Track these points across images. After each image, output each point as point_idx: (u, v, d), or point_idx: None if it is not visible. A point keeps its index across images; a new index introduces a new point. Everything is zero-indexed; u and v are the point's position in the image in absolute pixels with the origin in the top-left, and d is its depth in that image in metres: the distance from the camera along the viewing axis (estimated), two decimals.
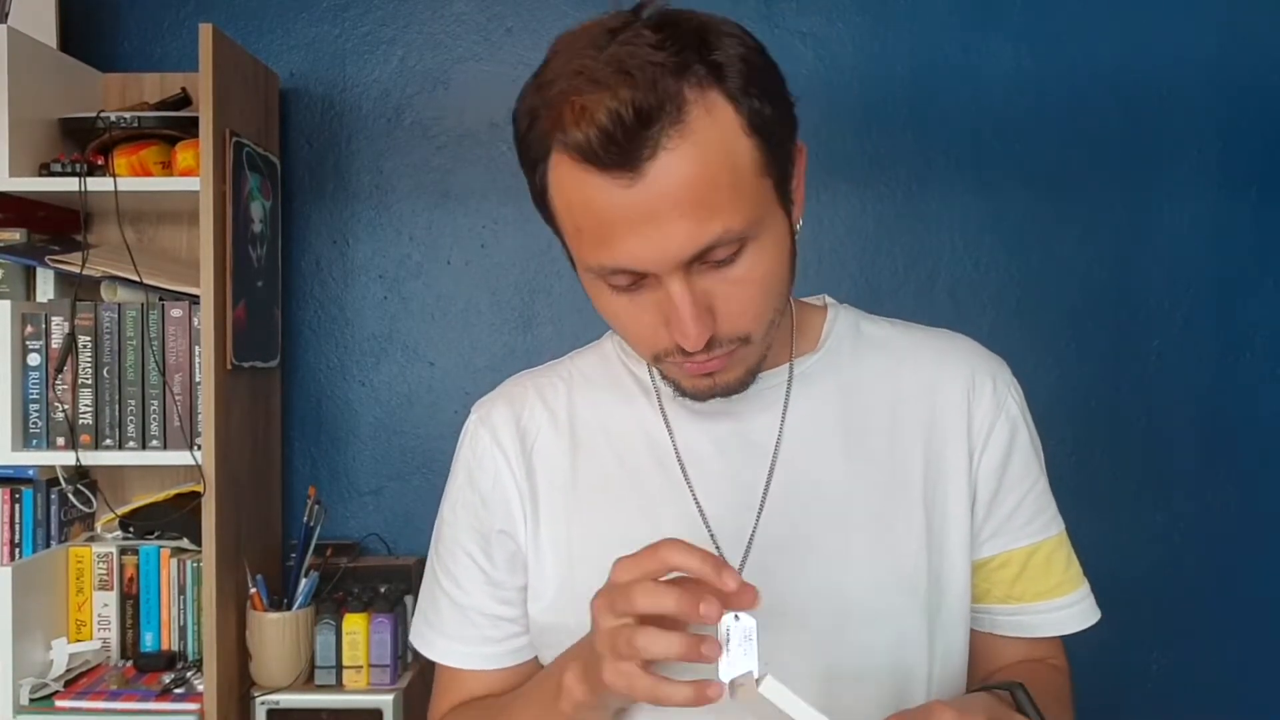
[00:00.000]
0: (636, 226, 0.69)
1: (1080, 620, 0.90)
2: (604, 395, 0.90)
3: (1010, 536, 0.87)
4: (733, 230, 0.71)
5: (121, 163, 1.77)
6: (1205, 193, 2.01)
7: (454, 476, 0.93)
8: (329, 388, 2.07)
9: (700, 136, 0.68)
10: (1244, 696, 2.03)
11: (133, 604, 1.84)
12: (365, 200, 2.06)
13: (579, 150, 0.68)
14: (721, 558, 0.70)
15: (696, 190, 0.69)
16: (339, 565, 1.88)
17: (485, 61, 2.06)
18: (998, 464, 0.86)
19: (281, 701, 1.73)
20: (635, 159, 0.68)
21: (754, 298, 0.75)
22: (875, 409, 0.86)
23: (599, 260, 0.73)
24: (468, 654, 0.91)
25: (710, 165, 0.69)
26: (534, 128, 0.73)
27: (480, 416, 0.92)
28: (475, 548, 0.90)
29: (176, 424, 1.74)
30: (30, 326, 1.74)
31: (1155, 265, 2.02)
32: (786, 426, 0.85)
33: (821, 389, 0.86)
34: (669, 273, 0.71)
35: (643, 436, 0.87)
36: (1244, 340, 2.02)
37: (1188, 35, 2.00)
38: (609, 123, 0.67)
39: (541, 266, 2.05)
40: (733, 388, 0.80)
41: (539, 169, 0.74)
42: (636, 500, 0.85)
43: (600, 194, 0.69)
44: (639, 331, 0.77)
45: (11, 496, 1.78)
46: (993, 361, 0.90)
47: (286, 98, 2.05)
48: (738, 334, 0.76)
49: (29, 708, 1.67)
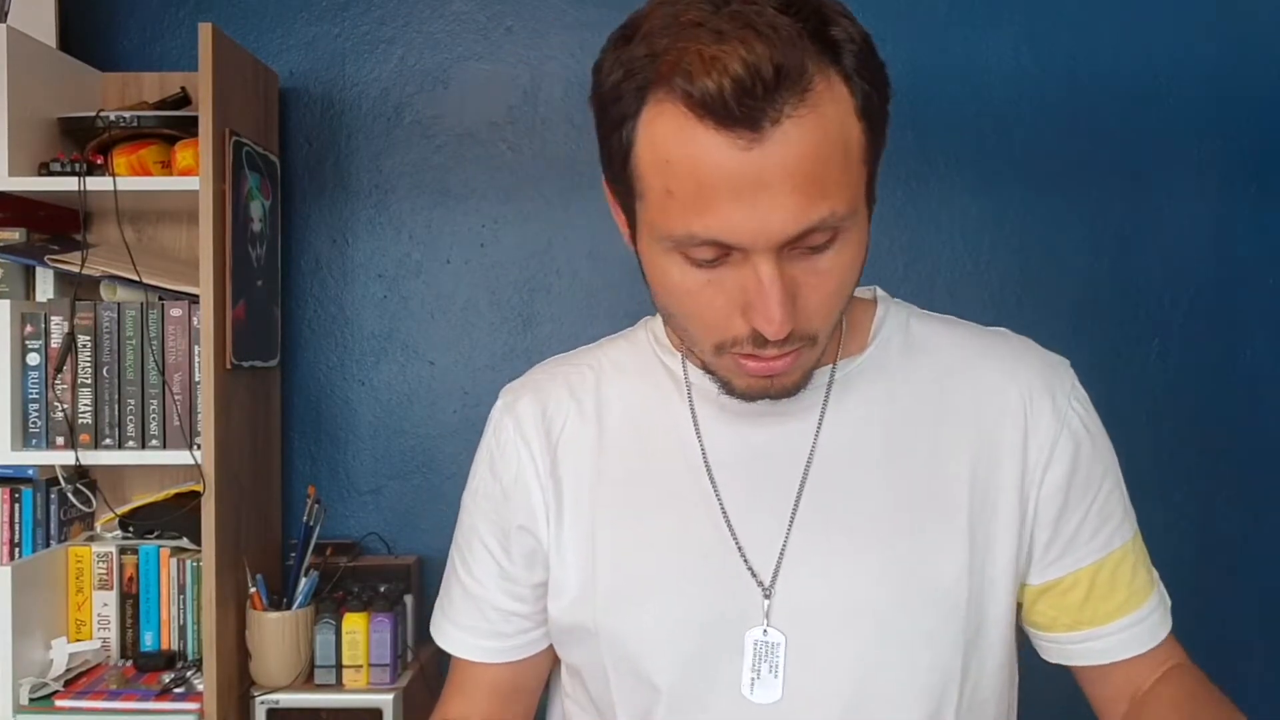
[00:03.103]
0: (743, 194, 0.65)
1: (1144, 640, 0.83)
2: (634, 387, 0.86)
3: (1077, 555, 0.81)
4: (837, 213, 0.67)
5: (121, 162, 1.77)
6: (1205, 191, 2.01)
7: (477, 464, 0.91)
8: (329, 387, 2.07)
9: (822, 110, 0.65)
10: (1244, 696, 2.02)
11: (132, 603, 1.84)
12: (365, 199, 2.06)
13: (702, 101, 0.63)
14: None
15: (812, 165, 0.65)
16: (339, 565, 1.88)
17: (485, 61, 2.06)
18: (1062, 482, 0.80)
19: (281, 701, 1.73)
20: (760, 119, 0.63)
21: (833, 293, 0.71)
22: (921, 419, 0.81)
23: (688, 227, 0.67)
24: (477, 646, 0.90)
25: (827, 142, 0.66)
26: (631, 77, 0.67)
27: (506, 404, 0.90)
28: (493, 541, 0.88)
29: (176, 423, 1.74)
30: (30, 326, 1.74)
31: (1155, 264, 2.02)
32: (823, 434, 0.80)
33: (865, 395, 0.81)
34: (764, 251, 0.67)
35: (672, 434, 0.83)
36: (1244, 339, 2.01)
37: (1188, 34, 1.99)
38: (745, 75, 0.62)
39: (541, 265, 2.05)
40: (788, 390, 0.75)
41: (626, 124, 0.68)
42: (663, 502, 0.82)
43: (711, 153, 0.64)
44: (709, 315, 0.71)
45: (11, 496, 1.78)
46: (1052, 370, 0.83)
47: (286, 97, 2.05)
48: (811, 331, 0.72)
49: (29, 707, 1.67)
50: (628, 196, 0.72)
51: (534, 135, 2.05)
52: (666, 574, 0.80)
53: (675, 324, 0.76)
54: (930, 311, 0.89)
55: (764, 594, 0.78)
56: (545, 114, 2.05)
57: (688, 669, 0.78)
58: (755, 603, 0.78)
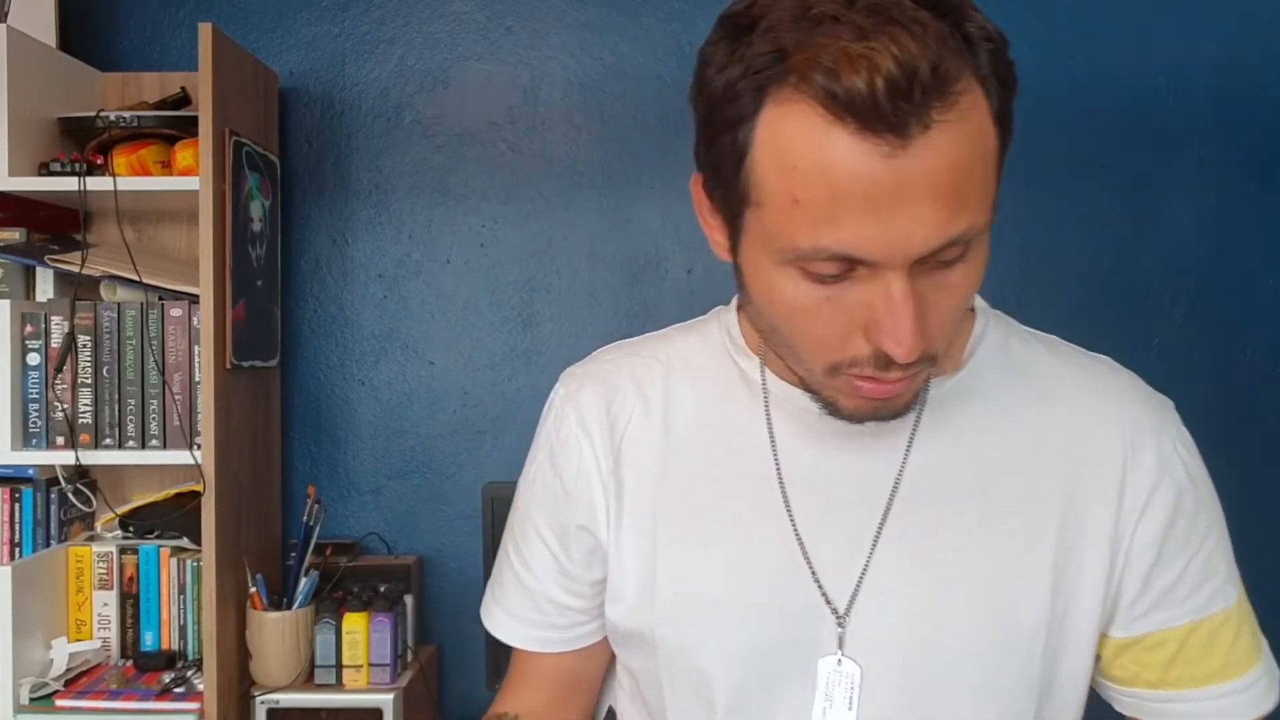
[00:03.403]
0: (880, 206, 0.58)
1: (1244, 710, 0.76)
2: (705, 388, 0.81)
3: (1168, 613, 0.75)
4: (976, 227, 0.61)
5: (121, 162, 1.77)
6: (1206, 190, 2.01)
7: (535, 452, 0.87)
8: (329, 387, 2.07)
9: (968, 116, 0.59)
10: None
11: (132, 603, 1.84)
12: (365, 199, 2.06)
13: (848, 102, 0.56)
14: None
15: (956, 175, 0.59)
16: (339, 564, 1.88)
17: (485, 61, 2.06)
18: (1157, 534, 0.74)
19: (281, 701, 1.73)
20: (909, 125, 0.57)
21: (956, 310, 0.66)
22: (1014, 451, 0.75)
23: (815, 240, 0.60)
24: (531, 636, 0.86)
25: (972, 150, 0.60)
26: (752, 75, 0.60)
27: (568, 394, 0.85)
28: (551, 536, 0.84)
29: (176, 423, 1.74)
30: (30, 326, 1.74)
31: (1156, 263, 2.02)
32: (912, 458, 0.74)
33: (958, 420, 0.75)
34: (897, 267, 0.60)
35: (744, 443, 0.77)
36: (1244, 338, 2.02)
37: (1188, 34, 1.99)
38: (900, 75, 0.56)
39: (541, 265, 2.05)
40: (898, 412, 0.69)
41: (743, 126, 0.61)
42: (730, 515, 0.77)
43: (848, 159, 0.58)
44: (825, 334, 0.65)
45: (11, 496, 1.78)
46: (1157, 413, 0.77)
47: (286, 97, 2.05)
48: (934, 350, 0.65)
49: (29, 707, 1.67)
50: (735, 204, 0.65)
51: (534, 135, 2.05)
52: (732, 593, 0.76)
53: (779, 341, 0.69)
54: (1030, 329, 0.82)
55: (837, 621, 0.74)
56: (545, 114, 2.05)
57: (749, 690, 0.76)
58: (828, 630, 0.74)
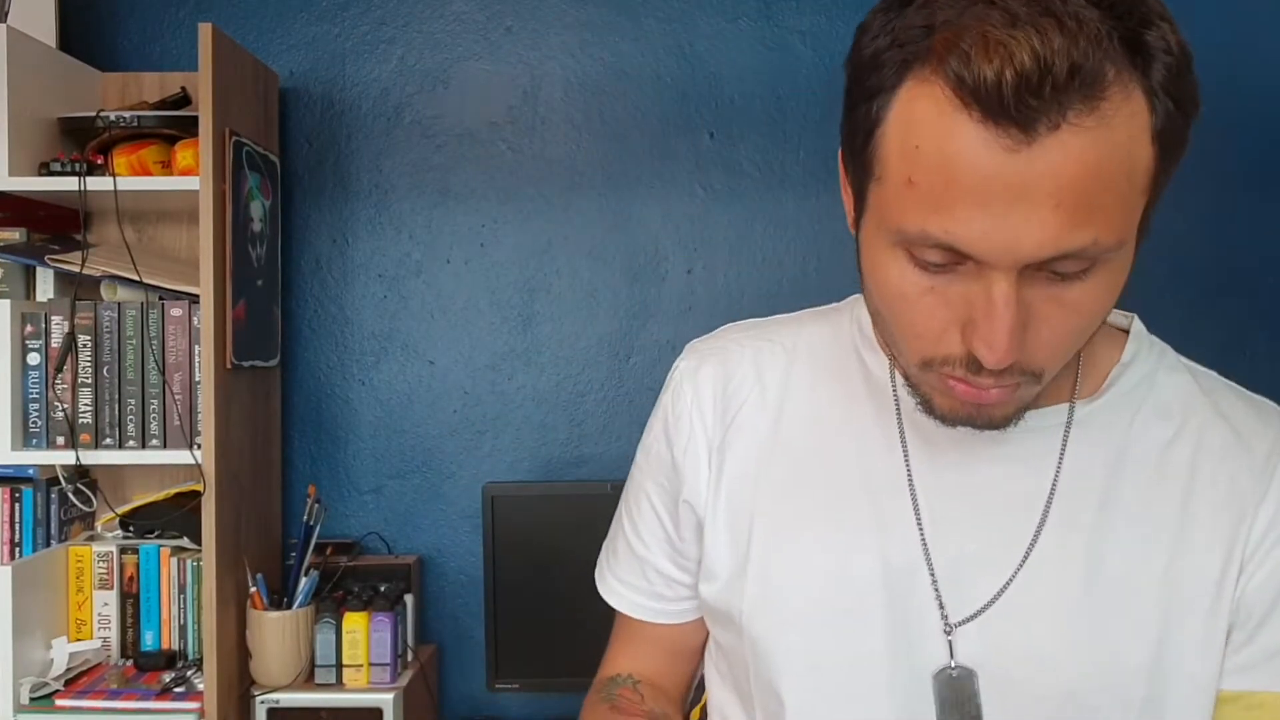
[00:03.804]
0: (994, 202, 0.56)
1: None
2: (826, 383, 0.79)
3: (1271, 676, 0.70)
4: (1101, 243, 0.58)
5: (121, 162, 1.77)
6: (1205, 190, 2.01)
7: (652, 423, 0.87)
8: (329, 387, 2.07)
9: (1112, 124, 0.56)
10: None
11: (133, 603, 1.84)
12: (365, 199, 2.07)
13: (975, 89, 0.55)
14: None
15: (1085, 184, 0.56)
16: (339, 564, 1.89)
17: (485, 61, 2.06)
18: (1270, 585, 0.69)
19: (281, 700, 1.73)
20: (1036, 121, 0.55)
21: (1073, 331, 0.63)
22: (1141, 485, 0.71)
23: (924, 225, 0.59)
24: (640, 605, 0.88)
25: (1110, 161, 0.57)
26: (899, 47, 0.59)
27: (690, 367, 0.84)
28: (662, 508, 0.85)
29: (176, 423, 1.74)
30: (30, 326, 1.74)
31: (1155, 263, 2.01)
32: (1062, 479, 0.71)
33: (1093, 445, 0.72)
34: (1005, 268, 0.58)
35: (860, 444, 0.76)
36: (1244, 338, 2.02)
37: (1187, 34, 1.99)
38: (1033, 68, 0.54)
39: (541, 265, 2.06)
40: (995, 424, 0.67)
41: (880, 97, 0.60)
42: (830, 514, 0.75)
43: (969, 148, 0.56)
44: (923, 326, 0.63)
45: (11, 496, 1.78)
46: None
47: (286, 97, 2.05)
48: (1035, 366, 0.63)
49: (29, 707, 1.67)
50: (863, 175, 0.64)
51: (534, 135, 2.05)
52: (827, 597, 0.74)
53: (882, 325, 0.69)
54: (1187, 360, 0.78)
55: (945, 630, 0.72)
56: (545, 114, 2.05)
57: (816, 704, 0.74)
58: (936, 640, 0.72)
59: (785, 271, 2.04)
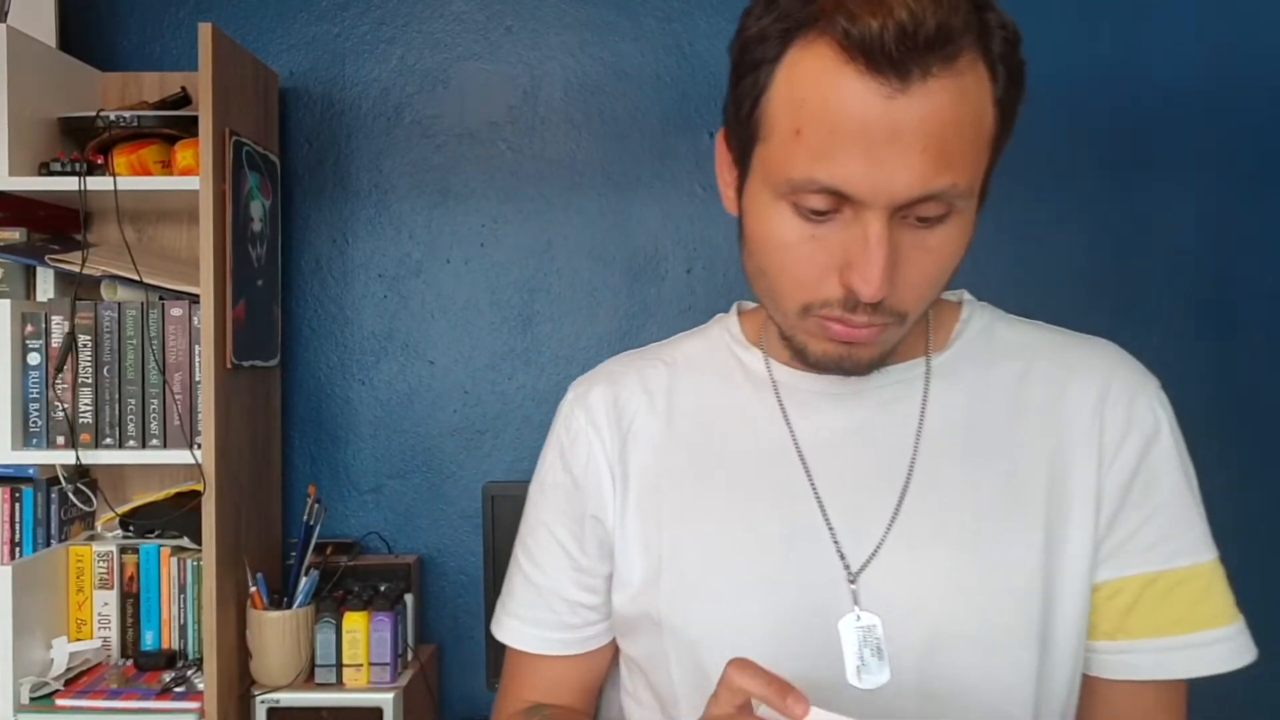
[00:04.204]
0: (874, 145, 0.64)
1: (1200, 664, 0.77)
2: (708, 382, 0.86)
3: (1125, 561, 0.77)
4: (959, 186, 0.67)
5: (121, 162, 1.77)
6: (1204, 190, 2.01)
7: (546, 456, 0.90)
8: (329, 386, 2.07)
9: (965, 82, 0.65)
10: (1244, 695, 2.03)
11: (133, 603, 1.84)
12: (365, 199, 2.07)
13: (861, 40, 0.63)
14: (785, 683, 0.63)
15: (947, 131, 0.65)
16: (339, 564, 1.89)
17: (485, 60, 2.06)
18: (1124, 480, 0.78)
19: (282, 700, 1.73)
20: (911, 70, 0.63)
21: (932, 274, 0.71)
22: (1001, 415, 0.79)
23: (811, 172, 0.66)
24: (540, 638, 0.88)
25: (965, 115, 0.66)
26: (782, 19, 0.67)
27: (577, 395, 0.89)
28: (564, 531, 0.87)
29: (176, 423, 1.74)
30: (30, 326, 1.74)
31: (1154, 262, 2.02)
32: (926, 423, 0.79)
33: (950, 390, 0.80)
34: (879, 209, 0.66)
35: (748, 427, 0.82)
36: (1243, 337, 2.02)
37: (1186, 33, 2.00)
38: (909, 20, 0.62)
39: (541, 265, 2.06)
40: (861, 368, 0.74)
41: (765, 67, 0.68)
42: (739, 494, 0.80)
43: (853, 97, 0.64)
44: (804, 272, 0.70)
45: (11, 495, 1.78)
46: (1137, 375, 0.81)
47: (286, 97, 2.05)
48: (902, 307, 0.71)
49: (29, 707, 1.67)
50: (749, 140, 0.71)
51: (534, 135, 2.06)
52: (743, 567, 0.78)
53: (764, 284, 0.75)
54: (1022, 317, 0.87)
55: (850, 579, 0.76)
56: (545, 114, 2.05)
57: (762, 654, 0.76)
58: (844, 591, 0.76)
59: None
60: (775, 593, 0.77)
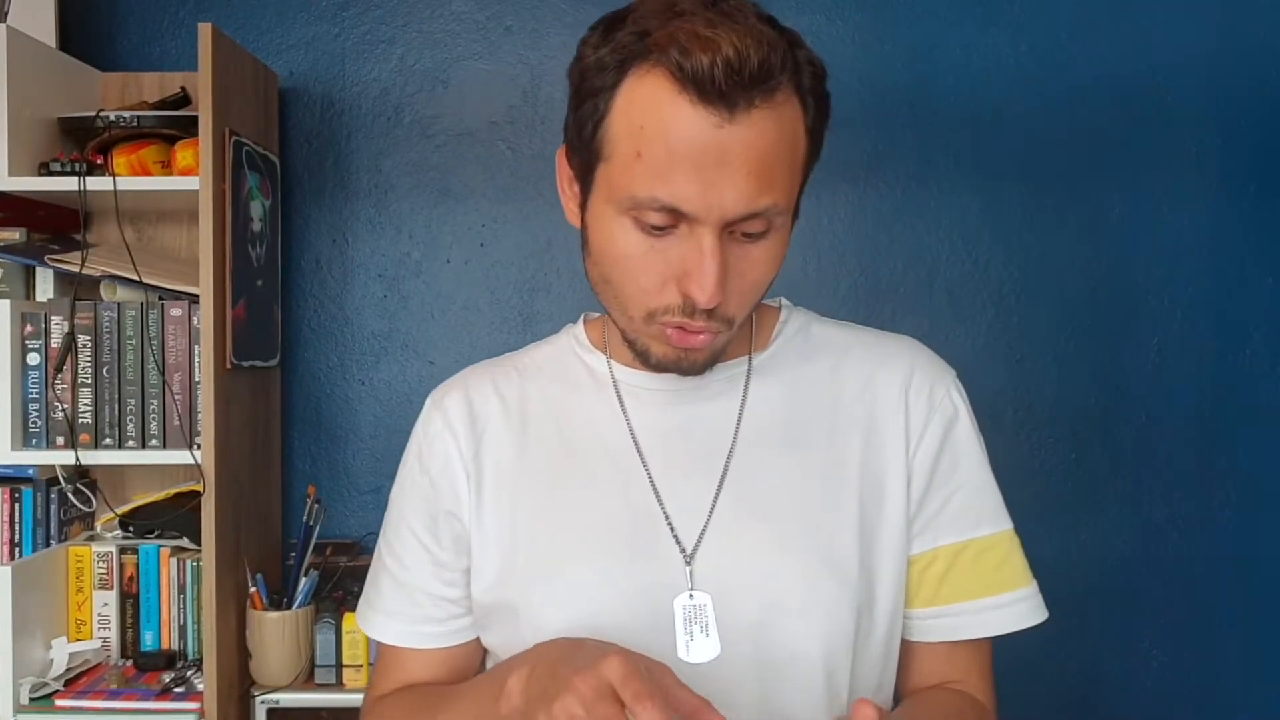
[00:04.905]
0: (705, 168, 0.72)
1: (1007, 622, 0.87)
2: (556, 386, 0.92)
3: (937, 533, 0.87)
4: (778, 206, 0.75)
5: (121, 162, 1.77)
6: (1204, 190, 2.01)
7: (405, 460, 0.96)
8: (329, 386, 2.07)
9: (783, 113, 0.73)
10: (1244, 695, 2.03)
11: (132, 603, 1.84)
12: (364, 199, 2.07)
13: (693, 74, 0.70)
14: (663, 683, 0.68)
15: (768, 157, 0.73)
16: (339, 564, 1.88)
17: (484, 60, 2.06)
18: (929, 460, 0.87)
19: (282, 700, 1.73)
20: (736, 102, 0.71)
21: (757, 282, 0.79)
22: (817, 405, 0.88)
23: (651, 190, 0.73)
24: (409, 632, 0.92)
25: (783, 141, 0.74)
26: (619, 51, 0.75)
27: (434, 401, 0.95)
28: (421, 527, 0.92)
29: (176, 423, 1.74)
30: (30, 326, 1.74)
31: (1154, 263, 2.02)
32: (745, 416, 0.87)
33: (770, 384, 0.89)
34: (712, 224, 0.73)
35: (593, 424, 0.89)
36: (1242, 337, 2.02)
37: (1187, 33, 2.00)
38: (735, 58, 0.70)
39: (541, 265, 2.06)
40: (697, 368, 0.83)
41: (603, 95, 0.76)
42: (586, 484, 0.87)
43: (686, 124, 0.71)
44: (646, 281, 0.78)
45: (11, 496, 1.78)
46: (937, 365, 0.91)
47: (286, 97, 2.05)
48: (730, 314, 0.79)
49: (29, 707, 1.67)
50: (589, 160, 0.78)
51: (534, 135, 2.06)
52: (590, 550, 0.84)
53: (609, 292, 0.82)
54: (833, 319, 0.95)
55: (685, 560, 0.83)
56: (545, 114, 2.05)
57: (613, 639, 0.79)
58: (680, 571, 0.83)
59: (783, 270, 2.02)
60: (622, 577, 0.83)
